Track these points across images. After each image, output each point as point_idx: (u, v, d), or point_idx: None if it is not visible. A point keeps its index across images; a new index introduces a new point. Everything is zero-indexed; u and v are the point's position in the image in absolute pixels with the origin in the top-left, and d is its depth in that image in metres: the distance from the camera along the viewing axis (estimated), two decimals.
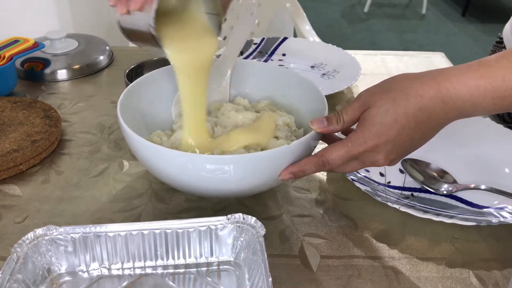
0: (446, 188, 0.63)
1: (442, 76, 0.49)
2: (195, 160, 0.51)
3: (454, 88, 0.48)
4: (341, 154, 0.51)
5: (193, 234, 0.50)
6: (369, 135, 0.50)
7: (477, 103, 0.48)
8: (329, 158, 0.51)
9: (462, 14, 3.79)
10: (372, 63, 1.00)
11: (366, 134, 0.50)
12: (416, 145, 0.52)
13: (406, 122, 0.49)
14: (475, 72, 0.48)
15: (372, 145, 0.50)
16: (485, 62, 0.49)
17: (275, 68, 0.74)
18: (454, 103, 0.49)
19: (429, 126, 0.50)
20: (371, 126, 0.50)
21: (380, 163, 0.51)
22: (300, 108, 0.66)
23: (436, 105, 0.48)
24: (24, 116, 0.75)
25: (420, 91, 0.49)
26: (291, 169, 0.53)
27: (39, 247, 0.48)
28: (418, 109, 0.48)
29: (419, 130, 0.50)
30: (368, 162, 0.52)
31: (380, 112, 0.49)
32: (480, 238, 0.57)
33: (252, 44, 1.01)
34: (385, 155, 0.51)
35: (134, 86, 0.64)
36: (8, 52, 0.84)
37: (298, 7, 1.45)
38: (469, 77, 0.48)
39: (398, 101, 0.49)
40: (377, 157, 0.51)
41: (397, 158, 0.53)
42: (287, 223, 0.59)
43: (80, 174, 0.67)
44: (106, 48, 1.01)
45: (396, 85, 0.51)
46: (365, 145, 0.50)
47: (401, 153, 0.52)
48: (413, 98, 0.49)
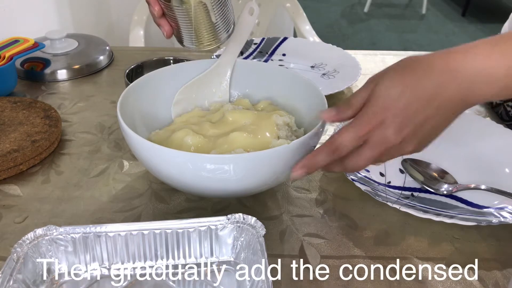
0: (446, 188, 0.63)
1: (452, 50, 0.47)
2: (195, 160, 0.51)
3: (465, 60, 0.46)
4: (350, 135, 0.48)
5: (193, 234, 0.50)
6: (375, 110, 0.47)
7: (490, 76, 0.45)
8: (339, 142, 0.48)
9: (462, 14, 3.78)
10: (372, 63, 1.00)
11: (371, 110, 0.47)
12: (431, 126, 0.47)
13: (415, 94, 0.46)
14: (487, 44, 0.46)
15: (380, 119, 0.46)
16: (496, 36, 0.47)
17: (275, 68, 0.74)
18: (464, 75, 0.45)
19: (440, 101, 0.46)
20: (376, 101, 0.47)
21: (392, 140, 0.47)
22: (300, 108, 0.66)
23: (444, 76, 0.46)
24: (24, 116, 0.75)
25: (428, 63, 0.46)
26: (302, 163, 0.50)
27: (39, 247, 0.48)
28: (426, 80, 0.46)
29: (430, 104, 0.46)
30: (378, 142, 0.47)
31: (386, 86, 0.47)
32: (480, 238, 0.57)
33: (252, 44, 1.01)
34: (394, 130, 0.46)
35: (134, 86, 0.64)
36: (8, 52, 0.84)
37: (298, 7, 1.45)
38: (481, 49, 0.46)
39: (405, 74, 0.47)
40: (386, 132, 0.47)
41: (412, 138, 0.48)
42: (287, 223, 0.59)
43: (80, 174, 0.67)
44: (106, 48, 1.01)
45: (405, 62, 0.48)
46: (372, 121, 0.47)
47: (414, 130, 0.47)
48: (421, 70, 0.46)
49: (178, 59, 0.83)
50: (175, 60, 0.82)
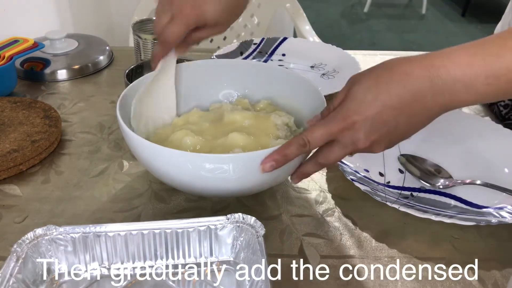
0: (443, 183, 0.64)
1: (433, 55, 0.46)
2: (195, 160, 0.51)
3: (444, 66, 0.45)
4: (321, 131, 0.48)
5: (192, 234, 0.50)
6: (347, 111, 0.47)
7: (470, 83, 0.45)
8: (309, 137, 0.49)
9: (462, 14, 3.78)
10: (372, 63, 0.99)
11: (344, 110, 0.48)
12: (402, 131, 0.48)
13: (388, 100, 0.46)
14: (467, 50, 0.45)
15: (351, 121, 0.47)
16: (478, 41, 0.46)
17: (275, 68, 0.74)
18: (444, 83, 0.45)
19: (415, 109, 0.46)
20: (350, 103, 0.47)
21: (361, 144, 0.48)
22: (300, 108, 0.66)
23: (422, 84, 0.45)
24: (24, 116, 0.75)
25: (407, 69, 0.46)
26: (272, 156, 0.50)
27: (39, 247, 0.48)
28: (402, 88, 0.45)
29: (403, 112, 0.46)
30: (349, 143, 0.49)
31: (361, 89, 0.47)
32: (480, 238, 0.58)
33: (252, 44, 1.01)
34: (364, 134, 0.47)
35: (134, 86, 0.64)
36: (8, 52, 0.84)
37: (298, 7, 1.45)
38: (461, 54, 0.45)
39: (382, 78, 0.47)
40: (356, 136, 0.47)
41: (381, 142, 0.49)
42: (287, 223, 0.59)
43: (80, 174, 0.67)
44: (106, 48, 1.01)
45: (384, 64, 0.48)
46: (343, 121, 0.47)
47: (385, 136, 0.48)
48: (398, 76, 0.46)
49: (178, 59, 0.83)
50: None
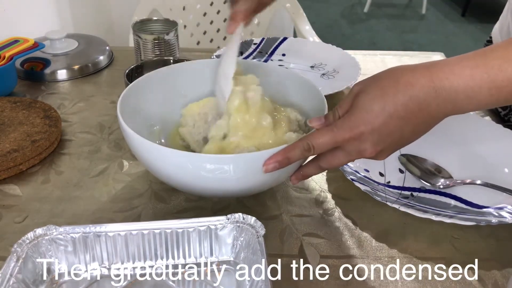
0: (443, 183, 0.64)
1: (436, 66, 0.47)
2: (195, 160, 0.51)
3: (448, 79, 0.46)
4: (326, 139, 0.49)
5: (193, 234, 0.50)
6: (354, 121, 0.48)
7: (473, 95, 0.46)
8: (314, 142, 0.49)
9: (462, 14, 3.78)
10: (371, 63, 1.00)
11: (352, 120, 0.48)
12: (406, 139, 0.49)
13: (395, 111, 0.47)
14: (470, 62, 0.46)
15: (358, 132, 0.48)
16: (480, 52, 0.47)
17: (275, 68, 0.74)
18: (448, 94, 0.46)
19: (420, 118, 0.47)
20: (357, 113, 0.48)
21: (367, 154, 0.49)
22: (300, 108, 0.66)
23: (427, 95, 0.46)
24: (24, 116, 0.75)
25: (412, 79, 0.47)
26: (275, 157, 0.50)
27: (39, 247, 0.48)
28: (408, 98, 0.46)
29: (409, 121, 0.47)
30: (354, 152, 0.49)
31: (368, 99, 0.48)
32: (480, 238, 0.58)
33: (252, 44, 1.01)
34: (371, 144, 0.48)
35: (134, 86, 0.64)
36: (8, 52, 0.84)
37: (298, 7, 1.45)
38: (464, 67, 0.46)
39: (387, 88, 0.47)
40: (363, 146, 0.48)
41: (386, 151, 0.50)
42: (287, 223, 0.59)
43: (80, 174, 0.67)
44: (106, 48, 1.01)
45: (388, 74, 0.49)
46: (350, 131, 0.48)
47: (390, 145, 0.49)
48: (403, 86, 0.47)
49: (178, 59, 0.83)
50: (175, 60, 0.82)
